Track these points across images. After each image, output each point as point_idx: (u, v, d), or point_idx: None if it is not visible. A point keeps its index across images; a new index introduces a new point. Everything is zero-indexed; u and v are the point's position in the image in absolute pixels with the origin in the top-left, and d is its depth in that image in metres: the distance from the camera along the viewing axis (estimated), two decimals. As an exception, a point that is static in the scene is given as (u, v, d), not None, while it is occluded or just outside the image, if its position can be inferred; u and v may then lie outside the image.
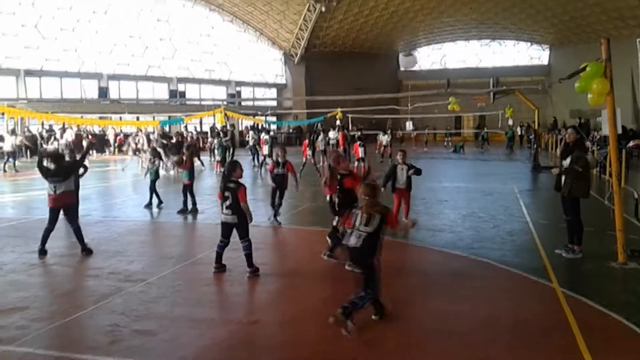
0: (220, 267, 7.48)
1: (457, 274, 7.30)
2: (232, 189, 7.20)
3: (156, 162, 13.34)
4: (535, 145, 23.70)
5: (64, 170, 8.51)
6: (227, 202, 7.21)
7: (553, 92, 38.01)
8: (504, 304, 6.30)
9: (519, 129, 38.41)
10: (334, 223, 8.40)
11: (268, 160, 21.11)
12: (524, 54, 50.50)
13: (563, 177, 8.20)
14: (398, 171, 10.46)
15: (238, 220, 7.21)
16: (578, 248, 8.08)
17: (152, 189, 12.88)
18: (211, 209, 12.52)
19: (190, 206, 12.24)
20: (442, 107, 33.42)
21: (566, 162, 8.19)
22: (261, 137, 22.96)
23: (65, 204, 8.47)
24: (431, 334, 5.50)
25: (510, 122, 35.88)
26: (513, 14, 42.83)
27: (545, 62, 48.76)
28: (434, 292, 6.78)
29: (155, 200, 12.94)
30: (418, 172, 10.54)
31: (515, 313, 6.02)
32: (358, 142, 21.60)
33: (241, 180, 7.36)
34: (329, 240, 8.09)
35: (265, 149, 21.80)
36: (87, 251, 8.51)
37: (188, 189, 12.26)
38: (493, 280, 7.13)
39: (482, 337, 5.39)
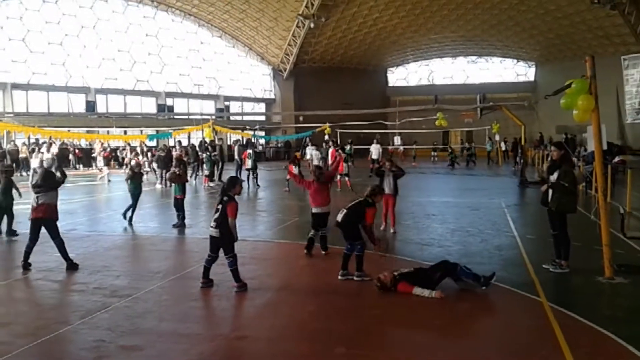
0: (207, 282, 7.42)
1: (444, 288, 7.28)
2: (224, 202, 7.19)
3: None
4: (522, 161, 23.86)
5: (47, 182, 8.46)
6: (216, 216, 7.19)
7: (539, 108, 38.42)
8: (491, 319, 6.31)
9: (503, 145, 38.71)
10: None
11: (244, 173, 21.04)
12: (511, 70, 51.10)
13: (550, 192, 8.26)
14: (385, 177, 11.27)
15: (220, 235, 7.18)
16: (565, 263, 8.12)
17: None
18: (199, 224, 12.46)
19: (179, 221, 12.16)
20: (429, 122, 33.66)
21: (553, 177, 8.25)
22: (244, 151, 22.64)
23: (44, 216, 8.37)
24: (418, 348, 5.48)
25: (497, 137, 36.19)
26: (499, 32, 43.42)
27: (532, 78, 49.36)
28: (421, 306, 6.76)
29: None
30: (399, 175, 11.36)
31: (502, 327, 6.02)
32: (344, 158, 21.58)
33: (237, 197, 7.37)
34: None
35: (248, 163, 21.52)
36: (72, 266, 8.40)
37: (180, 203, 12.17)
38: (480, 294, 7.13)
39: (469, 351, 5.38)
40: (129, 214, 12.63)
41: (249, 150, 22.17)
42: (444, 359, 5.25)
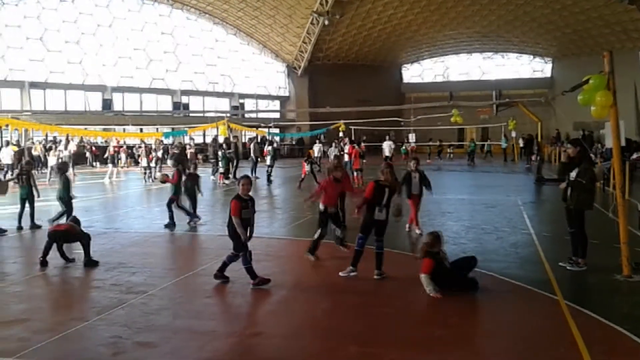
0: (222, 276, 7.46)
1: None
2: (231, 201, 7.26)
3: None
4: (538, 158, 23.64)
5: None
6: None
7: (556, 105, 38.03)
8: (507, 317, 6.26)
9: (521, 141, 38.43)
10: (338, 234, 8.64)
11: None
12: (527, 66, 50.66)
13: (569, 190, 8.17)
14: (412, 178, 10.96)
15: (228, 233, 7.28)
16: (582, 261, 8.03)
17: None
18: (215, 221, 12.49)
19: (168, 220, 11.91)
20: (445, 119, 33.49)
21: (573, 175, 8.16)
22: (264, 149, 23.10)
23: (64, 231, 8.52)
24: (432, 347, 5.46)
25: (513, 134, 35.89)
26: (516, 27, 43.02)
27: (548, 74, 48.89)
28: (436, 303, 6.73)
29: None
30: (427, 186, 11.15)
31: (519, 325, 5.97)
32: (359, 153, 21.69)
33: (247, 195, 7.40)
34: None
35: (268, 160, 22.01)
36: (68, 260, 8.50)
37: (171, 203, 11.92)
38: (496, 292, 7.08)
39: (486, 349, 5.35)
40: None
41: (268, 147, 22.50)
42: (459, 358, 5.23)
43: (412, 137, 40.36)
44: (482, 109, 33.31)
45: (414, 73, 54.09)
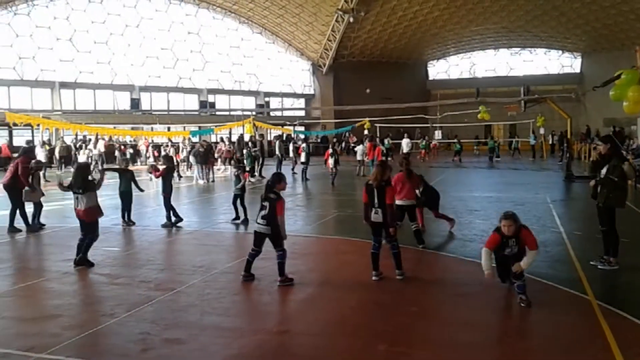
0: (248, 276, 7.48)
1: (488, 284, 7.16)
2: (271, 199, 7.22)
3: (241, 177, 12.34)
4: (567, 155, 23.26)
5: (84, 184, 8.55)
6: (263, 212, 7.22)
7: (586, 100, 37.35)
8: (537, 316, 6.15)
9: (550, 138, 37.90)
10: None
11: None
12: (556, 62, 49.79)
13: (599, 187, 8.02)
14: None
15: (271, 231, 7.21)
16: (614, 260, 7.87)
17: (236, 203, 12.17)
18: (240, 218, 12.54)
19: (166, 220, 11.89)
20: (471, 116, 33.15)
21: (603, 172, 8.00)
22: (300, 146, 23.59)
23: (85, 219, 8.48)
24: (461, 346, 5.40)
25: (542, 130, 35.38)
26: (544, 22, 42.32)
27: (578, 70, 48.00)
28: (465, 302, 6.67)
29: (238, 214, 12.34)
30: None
31: (549, 325, 5.87)
32: (382, 151, 22.02)
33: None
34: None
35: (302, 157, 22.35)
36: (85, 262, 8.40)
37: (166, 202, 11.85)
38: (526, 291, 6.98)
39: (516, 349, 5.27)
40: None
41: (303, 145, 22.83)
42: (488, 358, 5.16)
43: (438, 134, 40.12)
44: (510, 106, 32.85)
45: (440, 69, 53.63)
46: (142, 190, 12.52)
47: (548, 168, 27.12)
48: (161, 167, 12.42)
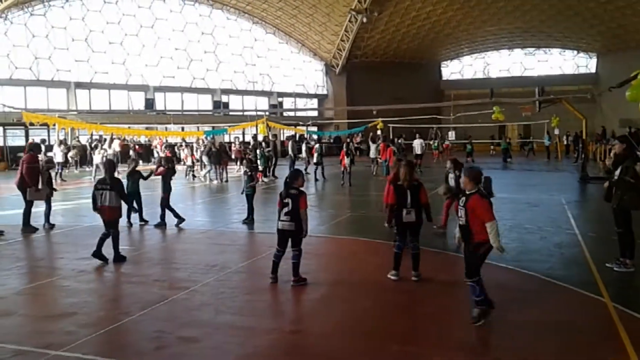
0: (275, 278, 7.39)
1: (503, 287, 7.12)
2: (293, 195, 7.22)
3: (253, 177, 12.38)
4: (583, 156, 23.06)
5: (112, 181, 8.71)
6: (287, 209, 7.20)
7: (602, 101, 36.99)
8: (552, 318, 6.10)
9: (565, 138, 37.60)
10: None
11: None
12: (570, 62, 49.44)
13: (613, 189, 7.95)
14: (449, 179, 10.76)
15: (295, 227, 7.19)
16: (630, 262, 7.79)
17: (250, 203, 12.18)
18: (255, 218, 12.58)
19: (158, 219, 11.86)
20: (485, 116, 32.94)
21: (617, 173, 7.93)
22: (313, 147, 23.60)
23: (107, 218, 8.62)
24: (475, 347, 5.38)
25: (557, 131, 35.09)
26: (558, 22, 42.02)
27: (593, 70, 47.62)
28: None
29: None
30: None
31: (564, 327, 5.83)
32: (393, 151, 22.00)
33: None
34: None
35: (315, 158, 22.32)
36: (119, 259, 8.60)
37: (163, 202, 11.87)
38: (541, 293, 6.93)
39: (529, 351, 5.24)
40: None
41: (316, 145, 22.87)
42: (505, 357, 5.13)
43: (451, 135, 39.94)
44: (524, 106, 32.61)
45: (453, 70, 53.44)
46: (145, 179, 12.43)
47: (563, 169, 26.90)
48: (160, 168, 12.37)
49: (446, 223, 10.87)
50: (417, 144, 27.45)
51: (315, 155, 22.43)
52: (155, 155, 32.66)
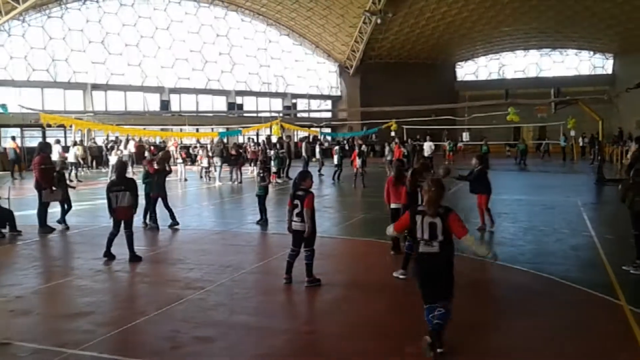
0: (290, 279, 7.42)
1: (518, 289, 7.09)
2: (301, 196, 7.27)
3: (266, 178, 12.39)
4: (599, 157, 22.84)
5: (124, 181, 8.87)
6: (297, 210, 7.25)
7: (619, 102, 36.59)
8: (568, 322, 6.06)
9: (580, 140, 37.23)
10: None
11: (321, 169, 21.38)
12: (587, 62, 48.99)
13: (627, 191, 7.87)
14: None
15: (310, 229, 7.23)
16: (647, 265, 7.71)
17: (262, 204, 12.15)
18: (268, 219, 12.62)
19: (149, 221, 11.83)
20: (500, 117, 32.72)
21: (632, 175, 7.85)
22: (333, 149, 23.79)
23: (122, 218, 8.75)
24: (491, 350, 5.36)
25: (572, 133, 34.77)
26: (575, 23, 41.65)
27: (610, 71, 47.14)
28: (495, 307, 6.62)
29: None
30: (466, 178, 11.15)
31: (581, 331, 5.78)
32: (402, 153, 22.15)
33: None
34: None
35: (335, 159, 22.40)
36: (135, 258, 8.71)
37: (164, 203, 11.80)
38: (556, 296, 6.89)
39: (546, 354, 5.20)
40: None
41: (336, 147, 22.98)
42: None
43: (466, 136, 39.73)
44: (540, 107, 32.37)
45: (468, 71, 53.16)
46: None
47: (579, 171, 26.65)
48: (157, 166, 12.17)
49: (484, 221, 10.93)
50: (427, 146, 27.45)
51: (336, 157, 22.52)
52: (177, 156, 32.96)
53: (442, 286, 5.13)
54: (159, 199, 11.79)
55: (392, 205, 8.68)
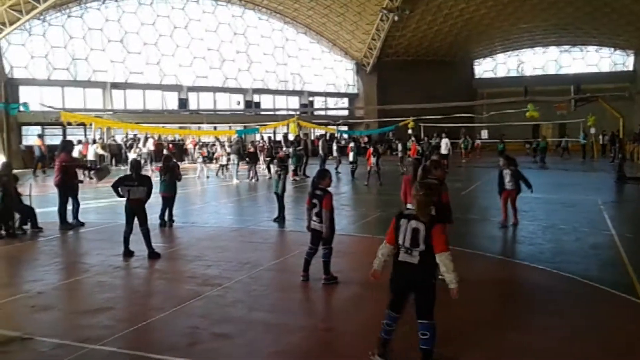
0: (307, 276, 7.45)
1: (538, 288, 7.02)
2: (319, 196, 7.28)
3: (281, 175, 12.36)
4: (620, 155, 22.53)
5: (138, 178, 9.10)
6: (316, 210, 7.28)
7: (640, 99, 36.06)
8: (589, 321, 6.00)
9: (601, 138, 36.74)
10: None
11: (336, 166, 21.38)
12: (607, 59, 48.31)
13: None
14: (504, 175, 11.27)
15: (329, 227, 7.27)
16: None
17: (280, 202, 12.25)
18: (286, 216, 12.65)
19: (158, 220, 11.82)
20: (519, 115, 32.40)
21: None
22: (348, 146, 23.87)
23: (136, 204, 8.98)
24: (507, 349, 5.32)
25: (592, 130, 34.33)
26: (595, 19, 41.09)
27: (631, 67, 46.42)
28: (515, 306, 6.56)
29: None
30: (527, 184, 11.33)
31: (602, 330, 5.72)
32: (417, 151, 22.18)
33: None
34: None
35: (351, 156, 22.38)
36: (153, 255, 8.84)
37: (168, 203, 11.90)
38: (577, 295, 6.82)
39: (566, 353, 5.16)
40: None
41: (351, 144, 23.08)
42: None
43: (484, 134, 39.43)
44: (559, 105, 32.00)
45: (486, 68, 52.70)
46: (179, 180, 12.62)
47: (599, 169, 26.32)
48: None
49: (506, 218, 10.93)
50: (443, 144, 27.29)
51: (351, 154, 22.57)
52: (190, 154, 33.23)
53: (421, 305, 4.72)
54: (170, 199, 11.94)
55: (409, 205, 8.65)
